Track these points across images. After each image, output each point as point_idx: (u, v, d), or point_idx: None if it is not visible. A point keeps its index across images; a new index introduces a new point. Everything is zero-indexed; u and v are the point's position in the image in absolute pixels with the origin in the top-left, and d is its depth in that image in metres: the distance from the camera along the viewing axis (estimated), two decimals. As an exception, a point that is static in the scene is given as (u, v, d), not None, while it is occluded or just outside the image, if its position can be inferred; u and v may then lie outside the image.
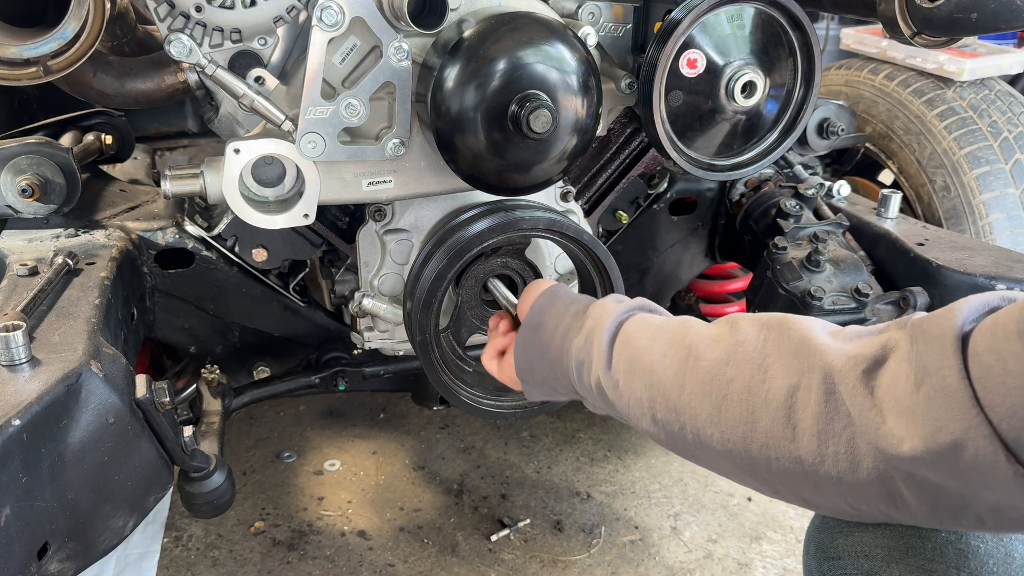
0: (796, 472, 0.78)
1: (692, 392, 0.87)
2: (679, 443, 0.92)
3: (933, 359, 0.68)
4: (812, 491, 0.79)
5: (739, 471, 0.86)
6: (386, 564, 1.93)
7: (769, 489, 0.85)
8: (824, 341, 0.80)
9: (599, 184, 1.69)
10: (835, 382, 0.75)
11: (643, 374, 0.94)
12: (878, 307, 1.56)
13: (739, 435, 0.82)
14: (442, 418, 2.47)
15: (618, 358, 0.98)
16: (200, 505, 1.37)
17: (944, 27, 1.36)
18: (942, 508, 0.70)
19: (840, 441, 0.74)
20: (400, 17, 1.21)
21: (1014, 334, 0.63)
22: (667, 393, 0.90)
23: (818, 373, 0.77)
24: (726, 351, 0.87)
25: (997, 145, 2.10)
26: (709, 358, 0.88)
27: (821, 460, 0.75)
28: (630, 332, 1.00)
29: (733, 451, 0.84)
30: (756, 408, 0.81)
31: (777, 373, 0.81)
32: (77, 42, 1.28)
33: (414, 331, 1.41)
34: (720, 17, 1.38)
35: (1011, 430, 0.62)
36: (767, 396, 0.80)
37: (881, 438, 0.71)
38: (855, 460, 0.73)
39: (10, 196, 1.43)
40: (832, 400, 0.75)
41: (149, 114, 2.18)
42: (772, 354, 0.83)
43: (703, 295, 2.38)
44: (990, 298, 0.72)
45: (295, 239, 1.59)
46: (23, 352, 1.05)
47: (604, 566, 1.93)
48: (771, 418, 0.79)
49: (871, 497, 0.74)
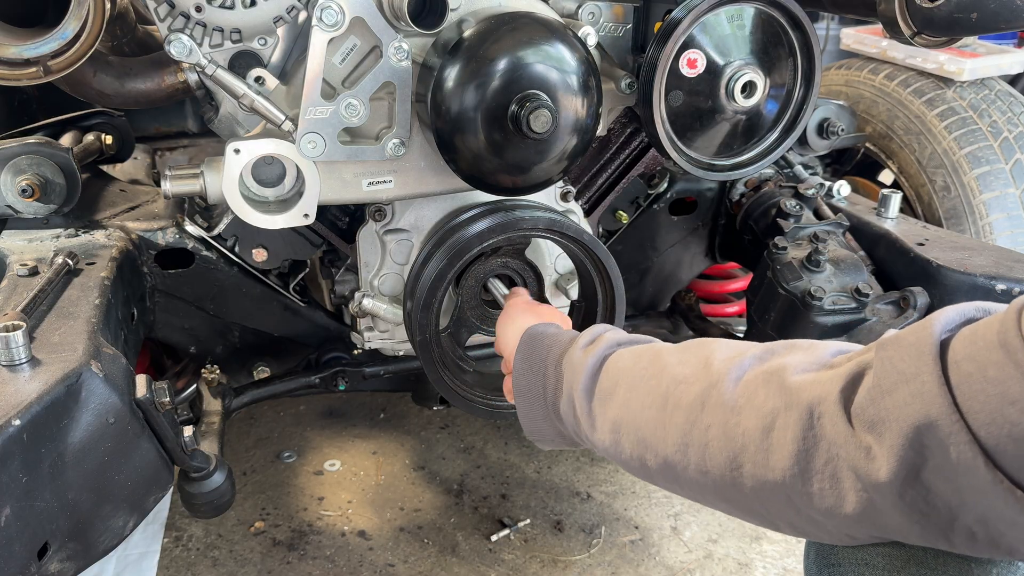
0: (788, 507, 0.78)
1: (676, 444, 0.87)
2: (679, 491, 0.93)
3: (910, 365, 0.68)
4: (809, 526, 0.79)
5: (740, 511, 0.86)
6: (386, 564, 1.93)
7: (771, 525, 0.85)
8: (797, 379, 0.78)
9: (599, 184, 1.69)
10: (817, 415, 0.75)
11: (627, 432, 0.94)
12: (878, 307, 1.55)
13: (728, 481, 0.82)
14: (442, 418, 2.47)
15: (602, 420, 0.98)
16: (200, 505, 1.37)
17: (944, 27, 1.36)
18: (932, 524, 0.69)
19: (824, 476, 0.74)
20: (400, 17, 1.21)
21: (995, 344, 0.63)
22: (655, 448, 0.90)
23: (796, 411, 0.76)
24: (699, 394, 0.86)
25: (997, 145, 2.10)
26: (685, 404, 0.87)
27: (809, 497, 0.75)
28: (605, 388, 0.99)
29: (728, 496, 0.84)
30: (737, 452, 0.81)
31: (749, 413, 0.80)
32: (77, 42, 1.28)
33: (414, 331, 1.41)
34: (720, 17, 1.38)
35: (990, 437, 0.62)
36: (744, 439, 0.80)
37: (860, 464, 0.70)
38: (841, 493, 0.73)
39: (10, 196, 1.43)
40: (811, 436, 0.74)
41: (149, 114, 2.18)
42: (744, 393, 0.82)
43: (703, 295, 2.38)
44: (966, 309, 0.72)
45: (295, 239, 1.59)
46: (23, 352, 1.06)
47: (604, 566, 1.93)
48: (752, 460, 0.79)
49: (863, 525, 0.74)
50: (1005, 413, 0.61)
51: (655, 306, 2.12)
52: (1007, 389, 0.61)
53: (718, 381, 0.85)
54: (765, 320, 1.66)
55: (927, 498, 0.68)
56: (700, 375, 0.88)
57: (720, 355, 0.89)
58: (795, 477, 0.75)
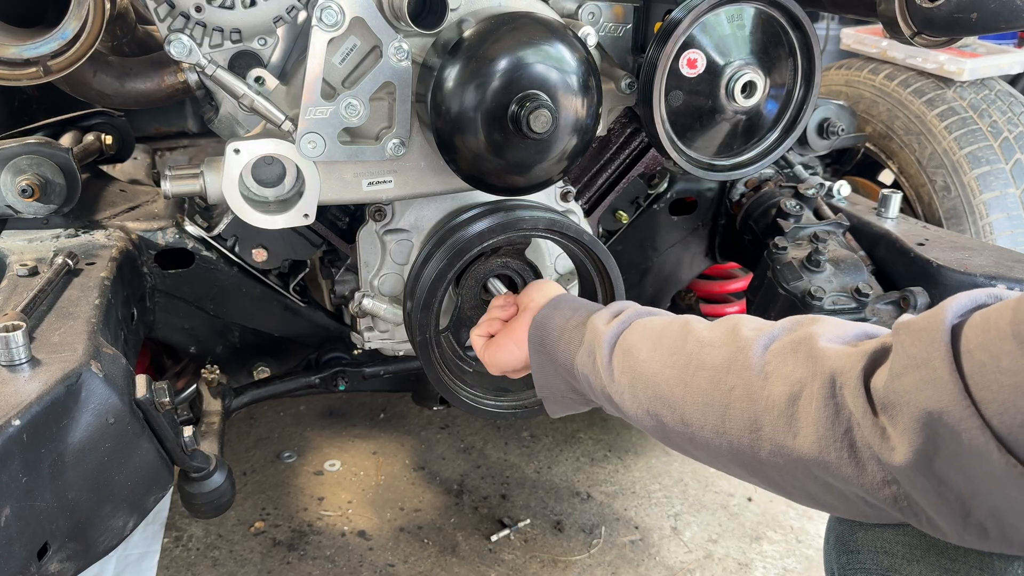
0: (806, 476, 0.79)
1: (696, 403, 0.87)
2: (691, 452, 0.92)
3: (921, 350, 0.69)
4: (825, 493, 0.79)
5: (751, 476, 0.87)
6: (386, 564, 1.93)
7: (783, 492, 0.85)
8: (825, 345, 0.79)
9: (599, 184, 1.69)
10: (839, 384, 0.75)
11: (646, 387, 0.94)
12: (878, 307, 1.56)
13: (746, 443, 0.82)
14: (442, 418, 2.47)
15: (620, 371, 0.98)
16: (200, 505, 1.37)
17: (944, 27, 1.36)
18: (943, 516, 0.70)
19: (843, 446, 0.74)
20: (400, 17, 1.21)
21: (1008, 334, 0.63)
22: (672, 405, 0.90)
23: (820, 379, 0.77)
24: (726, 358, 0.87)
25: (997, 145, 2.10)
26: (710, 365, 0.88)
27: (827, 465, 0.75)
28: (630, 343, 0.99)
29: (742, 458, 0.84)
30: (759, 415, 0.81)
31: (777, 380, 0.81)
32: (77, 42, 1.28)
33: (414, 331, 1.41)
34: (720, 17, 1.38)
35: (1003, 426, 0.63)
36: (768, 403, 0.80)
37: (876, 443, 0.71)
38: (860, 463, 0.73)
39: (10, 196, 1.43)
40: (832, 404, 0.75)
41: (149, 114, 2.18)
42: (772, 361, 0.83)
43: (703, 295, 2.38)
44: (978, 295, 0.72)
45: (295, 239, 1.59)
46: (23, 352, 1.05)
47: (604, 566, 1.93)
48: (773, 425, 0.79)
49: (882, 499, 0.74)
50: (1019, 404, 0.62)
51: (655, 306, 2.11)
52: (1021, 380, 0.62)
53: (746, 347, 0.86)
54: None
55: (939, 489, 0.68)
56: (728, 340, 0.89)
57: (748, 324, 0.90)
58: (814, 444, 0.76)
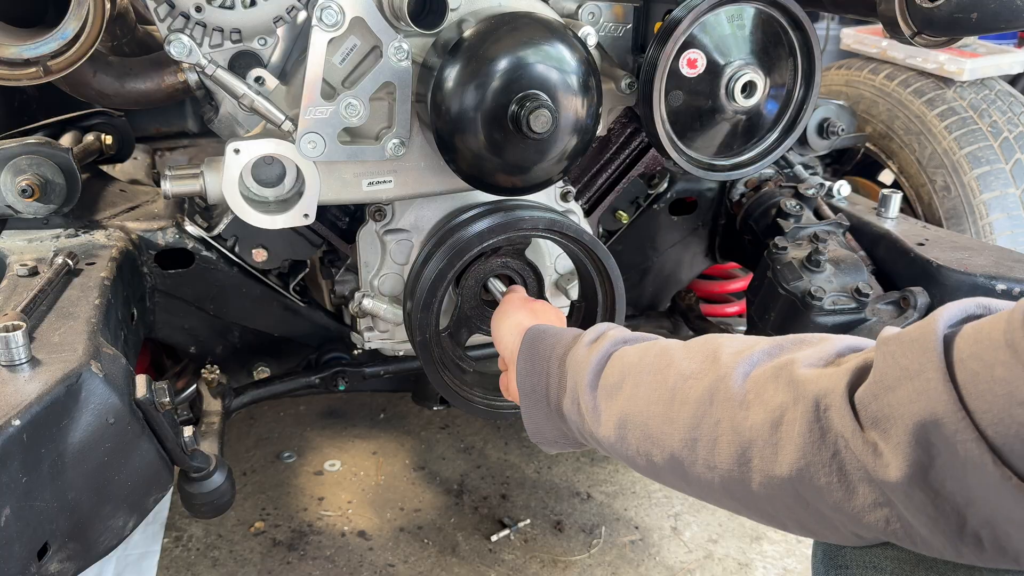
0: (797, 503, 0.78)
1: (684, 439, 0.86)
2: (686, 489, 0.91)
3: (913, 361, 0.68)
4: (817, 524, 0.78)
5: (747, 509, 0.85)
6: (386, 564, 1.93)
7: (779, 524, 0.84)
8: (805, 372, 0.78)
9: (599, 184, 1.69)
10: (823, 406, 0.74)
11: (633, 427, 0.92)
12: (878, 307, 1.55)
13: (736, 477, 0.81)
14: (442, 418, 2.47)
15: (607, 415, 0.96)
16: (200, 505, 1.37)
17: (944, 27, 1.36)
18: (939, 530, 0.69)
19: (831, 470, 0.73)
20: (400, 17, 1.21)
21: (1001, 344, 0.63)
22: (662, 444, 0.89)
23: (802, 403, 0.76)
24: (708, 389, 0.85)
25: (997, 145, 2.10)
26: (693, 399, 0.86)
27: (817, 491, 0.74)
28: (611, 383, 0.97)
29: (735, 493, 0.83)
30: (745, 448, 0.80)
31: (758, 408, 0.79)
32: (77, 42, 1.28)
33: (414, 331, 1.41)
34: (720, 17, 1.38)
35: (998, 436, 0.62)
36: (752, 433, 0.79)
37: (868, 461, 0.70)
38: (849, 487, 0.72)
39: (10, 196, 1.43)
40: (817, 428, 0.74)
41: (149, 114, 2.17)
42: (753, 389, 0.81)
43: (703, 295, 2.38)
44: (968, 305, 0.72)
45: (295, 239, 1.59)
46: (23, 352, 1.05)
47: (604, 566, 1.93)
48: (760, 454, 0.78)
49: (872, 522, 0.73)
50: (1013, 413, 0.61)
51: (655, 306, 2.12)
52: (1015, 389, 0.61)
53: (726, 375, 0.84)
54: (765, 320, 1.66)
55: (935, 502, 0.67)
56: (708, 369, 0.87)
57: (728, 350, 0.88)
58: (803, 471, 0.75)
